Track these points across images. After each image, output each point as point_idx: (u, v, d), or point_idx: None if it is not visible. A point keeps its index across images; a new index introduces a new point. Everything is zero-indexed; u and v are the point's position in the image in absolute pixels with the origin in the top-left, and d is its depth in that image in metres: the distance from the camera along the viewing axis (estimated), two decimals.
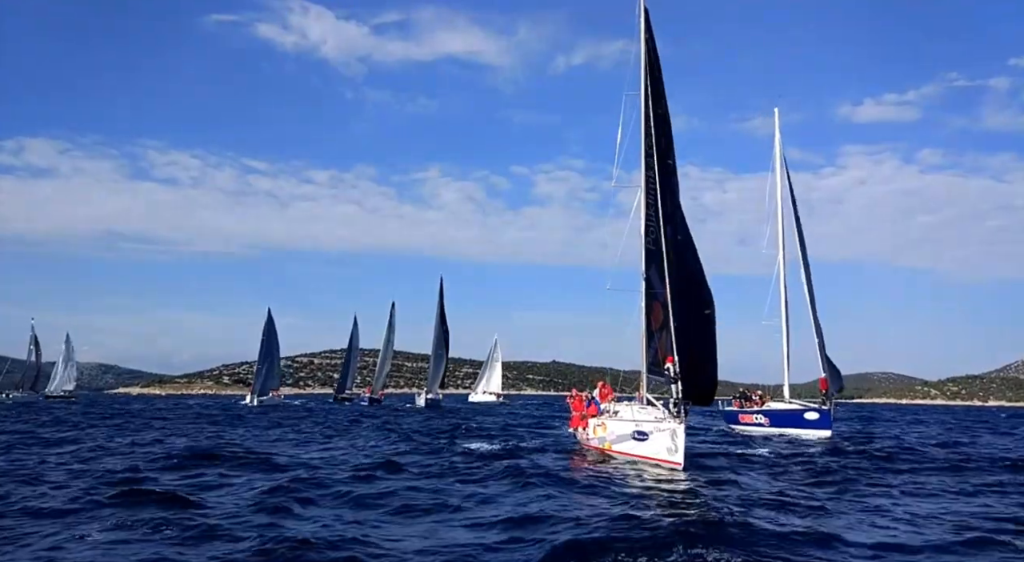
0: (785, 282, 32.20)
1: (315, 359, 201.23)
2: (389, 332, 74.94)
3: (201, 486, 12.89)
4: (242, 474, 14.57)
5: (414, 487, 12.88)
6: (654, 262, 18.12)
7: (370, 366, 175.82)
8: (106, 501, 11.04)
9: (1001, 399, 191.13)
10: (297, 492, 11.98)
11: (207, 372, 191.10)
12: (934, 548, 8.84)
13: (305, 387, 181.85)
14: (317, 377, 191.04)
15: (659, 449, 16.57)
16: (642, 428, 17.35)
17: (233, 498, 11.69)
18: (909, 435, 31.38)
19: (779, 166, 33.16)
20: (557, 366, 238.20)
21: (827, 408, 29.31)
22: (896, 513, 11.25)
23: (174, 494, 11.52)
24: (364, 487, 12.79)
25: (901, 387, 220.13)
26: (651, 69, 18.38)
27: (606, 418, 19.56)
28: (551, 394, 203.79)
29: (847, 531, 9.65)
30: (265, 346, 71.41)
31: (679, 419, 16.41)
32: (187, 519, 9.70)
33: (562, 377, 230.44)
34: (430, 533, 9.42)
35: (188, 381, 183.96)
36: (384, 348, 75.48)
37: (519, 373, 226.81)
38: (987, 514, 11.30)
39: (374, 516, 10.56)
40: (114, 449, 19.48)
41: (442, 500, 11.62)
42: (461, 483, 13.60)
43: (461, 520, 10.29)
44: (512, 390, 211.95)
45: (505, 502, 11.54)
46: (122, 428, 29.63)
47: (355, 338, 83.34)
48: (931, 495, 13.31)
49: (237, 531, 9.10)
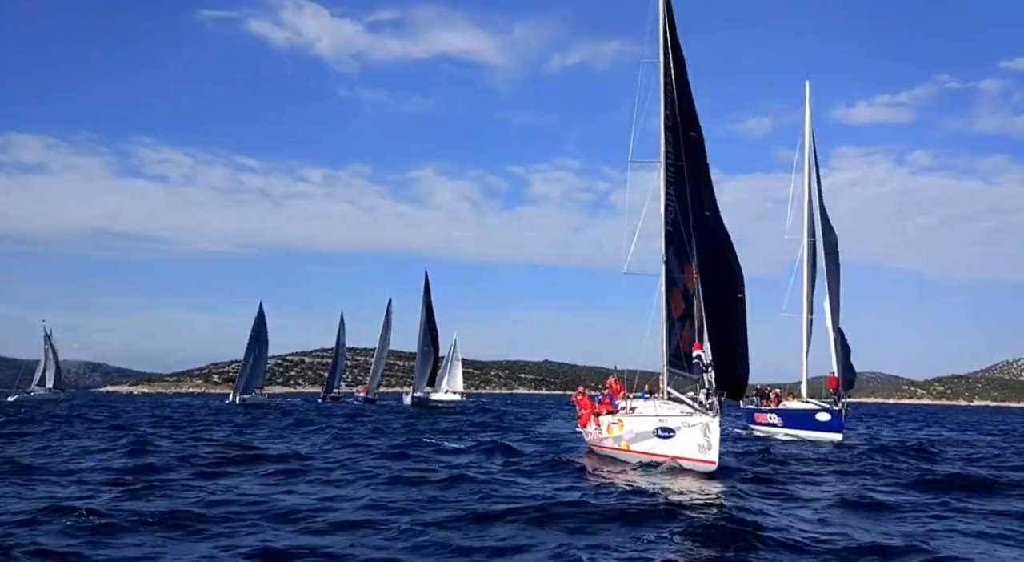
0: (810, 271, 29.69)
1: (306, 358, 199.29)
2: (386, 329, 72.41)
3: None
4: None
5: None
6: (673, 244, 16.65)
7: (362, 364, 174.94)
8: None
9: (986, 399, 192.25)
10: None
11: (196, 371, 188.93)
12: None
13: (296, 386, 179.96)
14: (308, 376, 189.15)
15: (688, 447, 15.01)
16: (667, 424, 15.77)
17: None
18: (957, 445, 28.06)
19: (808, 145, 30.52)
20: (549, 365, 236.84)
21: (838, 409, 26.83)
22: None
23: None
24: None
25: (888, 387, 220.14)
26: (670, 33, 16.88)
27: (623, 415, 17.97)
28: (543, 393, 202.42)
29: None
30: (253, 342, 69.23)
31: (713, 412, 14.89)
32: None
33: (554, 376, 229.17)
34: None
35: (177, 380, 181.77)
36: (380, 345, 73.02)
37: (511, 372, 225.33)
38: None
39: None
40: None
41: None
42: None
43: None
44: (504, 389, 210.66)
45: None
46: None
47: (342, 336, 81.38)
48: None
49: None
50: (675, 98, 15.80)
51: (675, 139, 16.22)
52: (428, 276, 65.41)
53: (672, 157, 16.50)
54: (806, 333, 29.79)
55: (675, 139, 16.22)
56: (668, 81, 16.41)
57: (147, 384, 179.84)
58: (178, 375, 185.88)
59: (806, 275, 30.07)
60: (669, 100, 16.40)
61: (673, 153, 16.45)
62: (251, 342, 68.94)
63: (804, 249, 30.24)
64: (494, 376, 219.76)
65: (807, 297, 29.96)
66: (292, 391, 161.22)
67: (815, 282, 30.09)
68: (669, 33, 17.04)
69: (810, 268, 30.23)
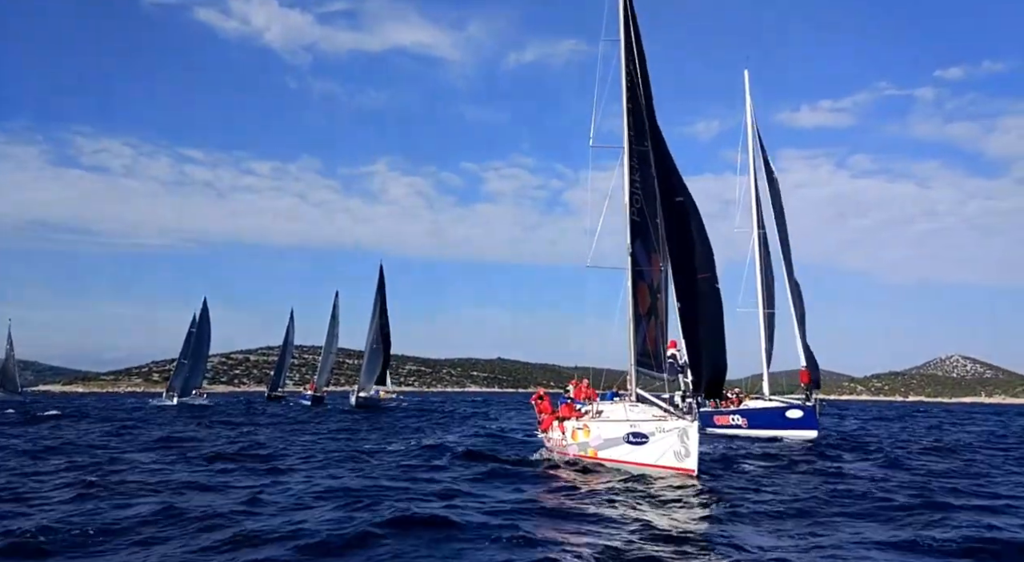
0: (764, 263, 28.66)
1: (251, 356, 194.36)
2: (333, 324, 69.47)
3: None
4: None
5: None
6: (640, 235, 15.68)
7: (309, 363, 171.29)
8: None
9: (921, 394, 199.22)
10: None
11: (136, 369, 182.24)
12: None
13: (240, 385, 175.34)
14: (253, 374, 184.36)
15: (663, 454, 13.98)
16: (639, 429, 14.68)
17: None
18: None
19: (751, 132, 29.74)
20: (502, 363, 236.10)
21: (811, 405, 25.53)
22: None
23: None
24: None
25: (829, 383, 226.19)
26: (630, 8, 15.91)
27: (588, 420, 16.69)
28: (495, 391, 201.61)
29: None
30: (195, 339, 66.12)
31: (691, 416, 13.90)
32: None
33: (507, 374, 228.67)
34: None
35: (115, 378, 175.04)
36: (328, 341, 70.04)
37: (463, 370, 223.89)
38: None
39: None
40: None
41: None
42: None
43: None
44: (456, 387, 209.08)
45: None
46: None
47: (290, 333, 78.67)
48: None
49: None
50: (639, 80, 14.83)
51: (638, 123, 15.35)
52: (383, 269, 61.79)
53: (635, 142, 15.61)
54: (765, 327, 28.58)
55: (638, 123, 15.35)
56: (631, 60, 15.48)
57: (82, 383, 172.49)
58: (117, 374, 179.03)
59: (759, 267, 28.91)
60: (631, 81, 15.53)
61: (636, 137, 15.55)
62: (192, 339, 65.90)
63: (755, 240, 29.20)
64: (446, 374, 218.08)
65: (762, 291, 28.79)
66: (236, 390, 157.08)
67: (771, 274, 29.07)
68: (629, 8, 16.08)
69: (763, 260, 29.12)
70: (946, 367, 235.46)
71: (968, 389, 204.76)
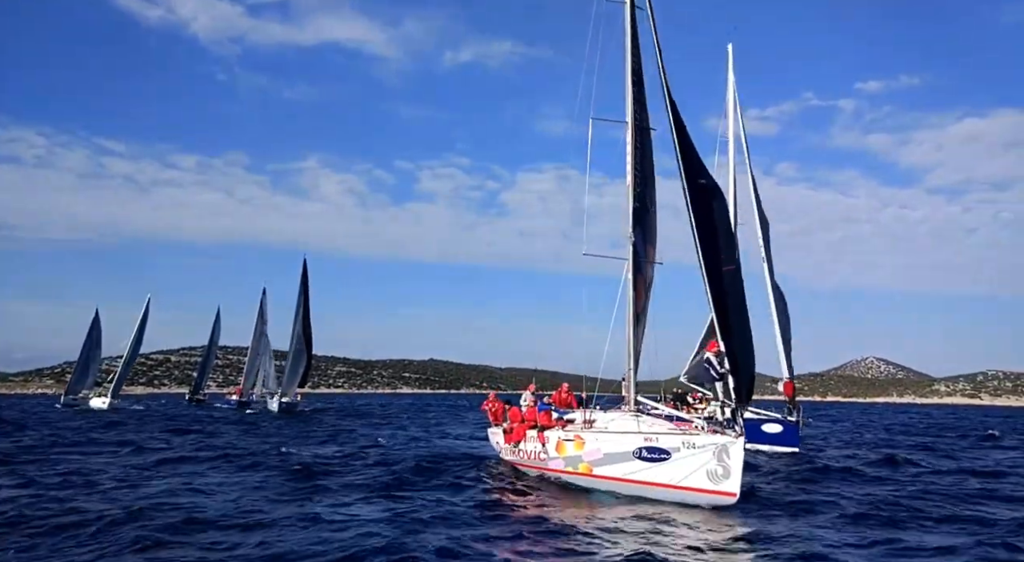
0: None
1: (172, 356, 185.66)
2: (260, 323, 64.91)
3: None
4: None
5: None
6: (641, 223, 13.90)
7: (234, 364, 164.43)
8: None
9: (837, 395, 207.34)
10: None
11: (47, 370, 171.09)
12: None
13: (160, 387, 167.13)
14: (174, 376, 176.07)
15: (691, 473, 11.91)
16: (658, 443, 12.56)
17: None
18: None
19: (732, 110, 27.73)
20: (435, 364, 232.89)
21: (794, 420, 23.32)
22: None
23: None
24: None
25: None
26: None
27: (582, 430, 14.61)
28: (427, 392, 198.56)
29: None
30: (136, 339, 62.03)
31: (734, 430, 11.89)
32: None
33: (439, 376, 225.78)
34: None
35: (25, 380, 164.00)
36: (255, 341, 65.44)
37: (395, 371, 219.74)
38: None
39: None
40: None
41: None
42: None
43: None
44: (387, 389, 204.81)
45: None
46: None
47: (216, 333, 74.45)
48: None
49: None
50: (657, 42, 12.84)
51: (641, 96, 13.71)
52: (307, 264, 57.84)
53: (638, 118, 13.91)
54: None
55: (641, 96, 13.71)
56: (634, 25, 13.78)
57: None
58: (26, 374, 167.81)
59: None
60: (636, 48, 13.85)
61: (640, 113, 13.88)
62: (136, 339, 61.73)
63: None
64: (377, 375, 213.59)
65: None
66: (157, 392, 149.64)
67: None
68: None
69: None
70: (861, 368, 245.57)
71: (881, 390, 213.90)
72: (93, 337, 62.78)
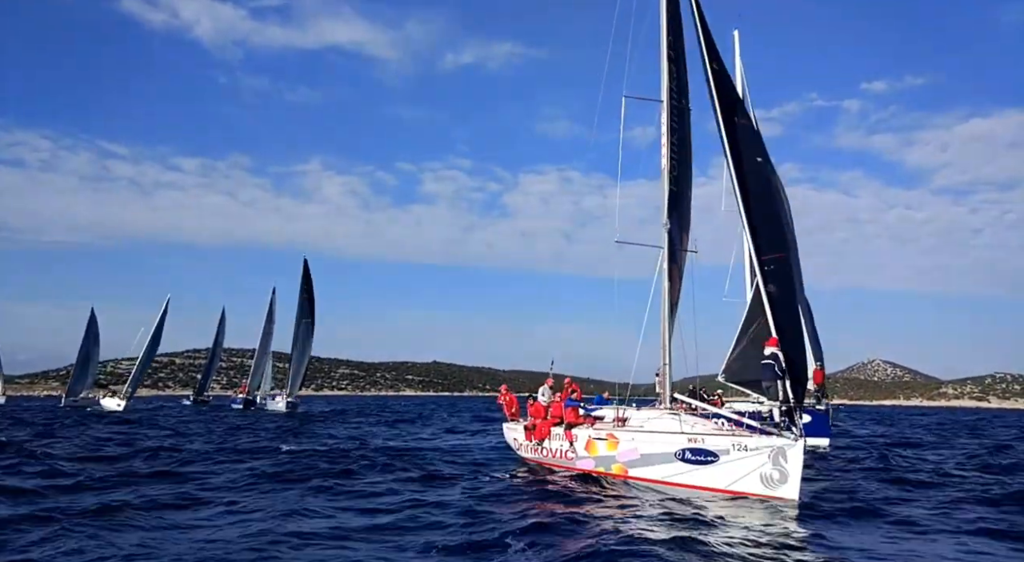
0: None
1: (176, 359, 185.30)
2: (268, 323, 64.00)
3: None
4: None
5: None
6: (677, 208, 13.27)
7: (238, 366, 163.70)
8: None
9: (844, 398, 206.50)
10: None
11: (53, 372, 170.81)
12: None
13: (165, 388, 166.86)
14: (178, 378, 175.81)
15: (743, 477, 11.22)
16: (705, 444, 11.85)
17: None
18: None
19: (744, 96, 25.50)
20: (438, 366, 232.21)
21: (823, 409, 22.44)
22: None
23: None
24: None
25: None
26: None
27: (615, 428, 13.88)
28: (430, 395, 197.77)
29: None
30: (153, 340, 61.29)
31: (793, 433, 11.11)
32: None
33: (442, 378, 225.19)
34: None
35: (31, 381, 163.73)
36: (262, 341, 64.67)
37: (398, 373, 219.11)
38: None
39: None
40: None
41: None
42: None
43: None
44: (390, 391, 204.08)
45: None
46: None
47: (221, 334, 73.81)
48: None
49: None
50: (697, 18, 12.05)
51: (679, 73, 13.03)
52: (308, 265, 57.47)
53: (675, 97, 13.23)
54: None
55: (679, 73, 13.03)
56: None
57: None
58: (32, 376, 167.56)
59: (747, 249, 25.67)
60: (674, 24, 13.16)
61: (677, 92, 13.19)
62: (152, 341, 61.02)
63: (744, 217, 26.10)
64: (380, 377, 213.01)
65: (750, 277, 24.42)
66: (161, 394, 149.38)
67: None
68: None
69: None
70: (868, 371, 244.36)
71: (888, 392, 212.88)
72: (91, 337, 62.42)
